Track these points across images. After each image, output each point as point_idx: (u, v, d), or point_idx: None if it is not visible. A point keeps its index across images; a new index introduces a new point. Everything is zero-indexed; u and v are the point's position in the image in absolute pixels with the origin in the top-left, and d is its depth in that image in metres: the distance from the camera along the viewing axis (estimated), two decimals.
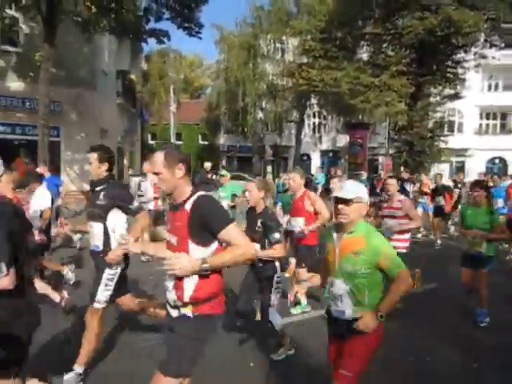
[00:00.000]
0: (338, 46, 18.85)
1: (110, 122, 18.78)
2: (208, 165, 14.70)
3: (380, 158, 28.50)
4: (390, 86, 18.22)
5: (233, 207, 8.96)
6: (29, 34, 15.02)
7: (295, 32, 20.05)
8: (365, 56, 21.11)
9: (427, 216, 11.61)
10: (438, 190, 10.76)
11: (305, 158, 36.30)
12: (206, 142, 41.32)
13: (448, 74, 20.31)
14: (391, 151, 22.14)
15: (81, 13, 11.99)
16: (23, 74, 15.04)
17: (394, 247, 5.25)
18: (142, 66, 30.84)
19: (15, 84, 15.11)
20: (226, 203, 8.72)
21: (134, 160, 24.87)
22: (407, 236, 5.59)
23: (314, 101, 31.18)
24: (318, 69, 18.45)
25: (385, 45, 20.15)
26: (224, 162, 38.97)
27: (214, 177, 14.78)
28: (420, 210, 11.73)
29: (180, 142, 41.51)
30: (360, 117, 29.70)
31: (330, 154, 36.97)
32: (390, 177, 6.00)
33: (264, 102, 32.41)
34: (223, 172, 10.32)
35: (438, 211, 10.68)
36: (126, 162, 22.32)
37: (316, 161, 37.22)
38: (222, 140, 39.38)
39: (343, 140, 32.03)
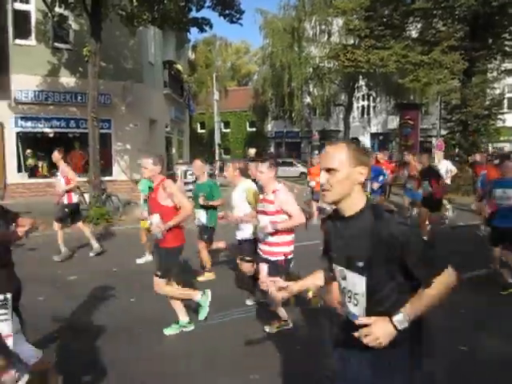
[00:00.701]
0: (384, 23, 18.13)
1: (158, 112, 19.26)
2: (252, 151, 14.78)
3: (433, 140, 27.39)
4: (442, 62, 17.33)
5: None
6: (77, 31, 15.66)
7: (339, 12, 19.48)
8: (413, 33, 20.19)
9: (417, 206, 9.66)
10: (425, 174, 8.39)
11: (354, 141, 35.56)
12: (253, 129, 41.50)
13: (505, 48, 19.02)
14: (444, 132, 21.20)
15: (124, 6, 12.29)
16: (74, 70, 15.72)
17: (273, 253, 4.18)
18: (189, 56, 31.26)
19: (67, 80, 15.83)
20: (142, 197, 7.26)
21: (183, 149, 25.41)
22: (289, 238, 4.28)
23: (362, 83, 30.44)
24: (363, 49, 17.89)
25: (435, 20, 19.16)
26: (272, 148, 39.00)
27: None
28: (407, 199, 10.66)
29: (228, 130, 41.98)
30: (411, 97, 28.66)
31: (380, 137, 36.02)
32: (262, 160, 4.52)
33: (311, 86, 31.99)
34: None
35: (426, 200, 8.31)
36: (174, 151, 22.86)
37: (366, 144, 36.40)
38: (270, 126, 39.36)
39: (394, 122, 31.09)
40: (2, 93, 15.01)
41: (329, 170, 1.84)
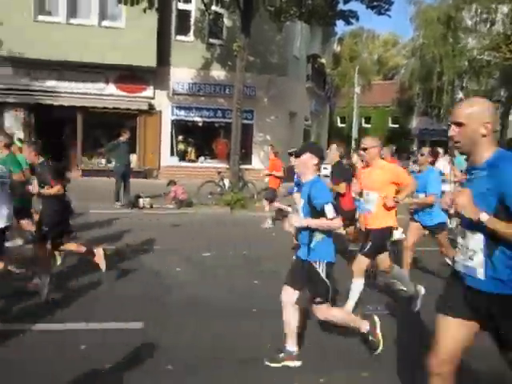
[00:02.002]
0: None
1: (299, 105, 19.65)
2: (391, 148, 14.23)
3: None
4: None
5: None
6: (229, 27, 16.72)
7: None
8: None
9: None
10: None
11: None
12: (396, 126, 39.69)
13: None
14: None
15: (273, 2, 12.75)
16: (224, 64, 16.86)
17: None
18: (334, 49, 31.08)
19: (218, 73, 17.06)
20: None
21: (320, 142, 25.52)
22: None
23: None
24: None
25: None
26: (415, 147, 36.91)
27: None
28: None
29: (368, 126, 40.82)
30: None
31: None
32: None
33: (465, 81, 29.35)
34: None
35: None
36: None
37: None
38: (414, 123, 37.25)
39: None
40: (162, 84, 16.82)
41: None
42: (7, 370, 3.30)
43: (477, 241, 2.15)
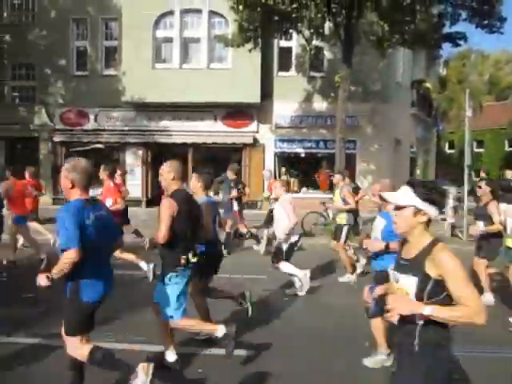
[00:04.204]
0: None
1: (403, 132, 19.04)
2: (510, 172, 13.17)
3: None
4: None
5: None
6: (330, 60, 16.97)
7: None
8: None
9: None
10: None
11: None
12: None
13: None
14: None
15: (375, 31, 12.71)
16: (325, 95, 17.07)
17: None
18: (440, 73, 29.79)
19: (319, 105, 17.29)
20: None
21: (428, 169, 24.33)
22: None
23: None
24: None
25: None
26: None
27: None
28: None
29: (481, 150, 37.99)
30: None
31: None
32: None
33: None
34: None
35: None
36: (418, 171, 22.10)
37: None
38: None
39: None
40: (266, 118, 17.48)
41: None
42: None
43: None
